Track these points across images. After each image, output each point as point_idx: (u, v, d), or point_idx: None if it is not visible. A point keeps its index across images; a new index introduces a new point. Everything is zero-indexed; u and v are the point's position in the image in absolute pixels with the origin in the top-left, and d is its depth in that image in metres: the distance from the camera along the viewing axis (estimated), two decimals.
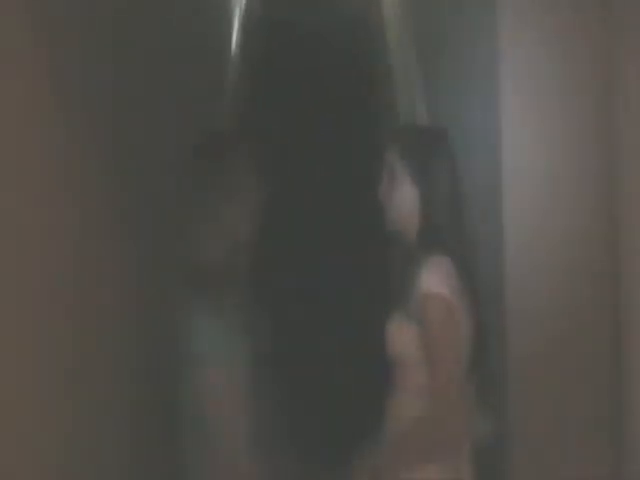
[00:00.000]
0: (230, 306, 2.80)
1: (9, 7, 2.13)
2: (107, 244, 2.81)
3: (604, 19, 2.89)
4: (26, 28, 2.23)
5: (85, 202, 2.62)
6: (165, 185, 2.95)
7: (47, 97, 2.36)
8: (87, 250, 2.62)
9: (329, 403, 4.49)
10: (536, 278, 2.97)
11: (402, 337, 2.67)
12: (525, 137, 2.98)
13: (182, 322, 2.74)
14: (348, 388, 4.38)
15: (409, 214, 2.71)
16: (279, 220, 5.31)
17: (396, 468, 2.70)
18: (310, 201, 5.73)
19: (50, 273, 2.32)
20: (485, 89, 3.26)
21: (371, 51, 7.30)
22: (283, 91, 6.71)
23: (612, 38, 2.88)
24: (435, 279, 2.61)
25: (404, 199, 2.71)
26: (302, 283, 5.13)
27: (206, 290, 2.75)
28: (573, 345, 2.97)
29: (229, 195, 2.80)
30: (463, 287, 2.65)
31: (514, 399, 2.99)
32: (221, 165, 2.83)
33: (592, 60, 2.92)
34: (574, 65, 2.94)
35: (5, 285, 2.06)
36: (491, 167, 3.15)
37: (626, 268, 2.87)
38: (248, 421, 2.90)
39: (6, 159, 2.10)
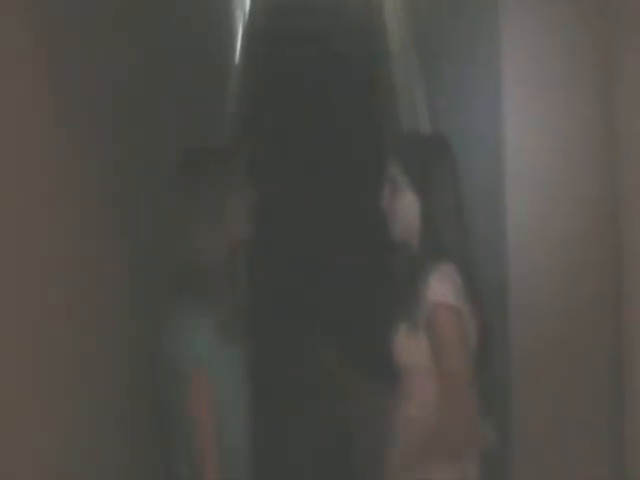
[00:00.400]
0: (228, 309, 2.79)
1: (9, 7, 2.12)
2: (107, 244, 2.81)
3: (603, 10, 2.87)
4: (26, 28, 2.23)
5: (85, 202, 2.61)
6: (165, 185, 2.94)
7: (47, 97, 2.35)
8: (87, 250, 2.61)
9: (330, 412, 4.43)
10: (539, 281, 2.95)
11: (409, 346, 2.66)
12: (527, 138, 2.96)
13: (179, 323, 2.73)
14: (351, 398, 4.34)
15: (411, 224, 2.70)
16: (279, 227, 5.30)
17: (404, 470, 2.70)
18: (311, 207, 5.69)
19: (50, 273, 2.32)
20: (486, 90, 3.25)
21: (372, 55, 7.28)
22: (285, 95, 6.69)
23: (612, 29, 2.86)
24: (442, 288, 2.61)
25: (406, 210, 2.70)
26: (303, 291, 5.09)
27: (204, 292, 2.74)
28: (576, 347, 2.95)
29: (228, 198, 2.79)
30: (468, 293, 2.65)
31: (516, 400, 2.98)
32: (220, 168, 2.82)
33: (593, 54, 2.90)
34: (576, 63, 2.92)
35: (5, 285, 2.05)
36: (493, 168, 3.13)
37: (629, 271, 2.85)
38: (244, 424, 2.89)
39: (6, 159, 2.09)
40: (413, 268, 2.69)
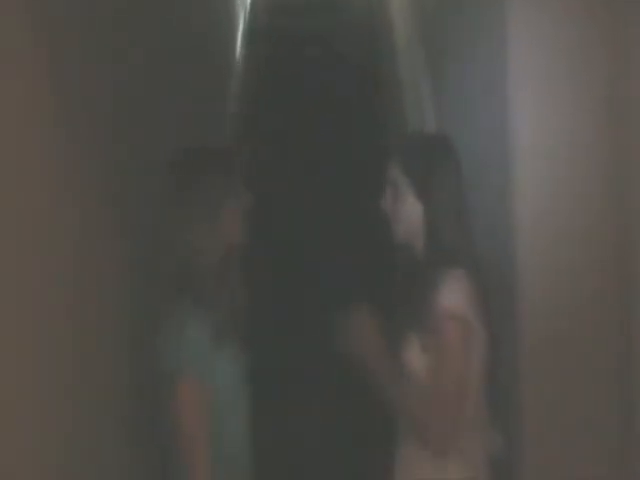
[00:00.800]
0: (226, 311, 2.76)
1: (9, 7, 2.12)
2: (107, 244, 2.81)
3: (610, 4, 2.84)
4: (26, 28, 2.23)
5: (85, 202, 2.61)
6: (163, 185, 2.93)
7: (47, 97, 2.35)
8: (87, 250, 2.61)
9: (330, 423, 4.37)
10: (549, 281, 2.88)
11: (414, 353, 2.60)
12: (535, 135, 2.89)
13: (175, 324, 2.69)
14: (352, 408, 4.22)
15: (415, 227, 2.65)
16: (280, 229, 5.24)
17: (408, 473, 2.69)
18: (312, 209, 5.62)
19: (50, 273, 2.32)
20: (493, 87, 3.21)
21: (377, 53, 7.22)
22: (287, 95, 6.64)
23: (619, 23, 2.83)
24: (452, 295, 2.54)
25: (409, 212, 2.65)
26: (304, 294, 5.03)
27: (202, 293, 2.70)
28: (586, 347, 2.89)
29: (225, 199, 2.76)
30: (477, 300, 2.58)
31: (523, 403, 2.92)
32: (218, 168, 2.79)
33: (600, 49, 2.86)
34: (583, 58, 2.88)
35: (5, 285, 2.05)
36: (501, 165, 3.08)
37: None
38: (242, 427, 2.85)
39: (6, 159, 2.10)
40: (419, 274, 2.63)
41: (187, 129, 3.95)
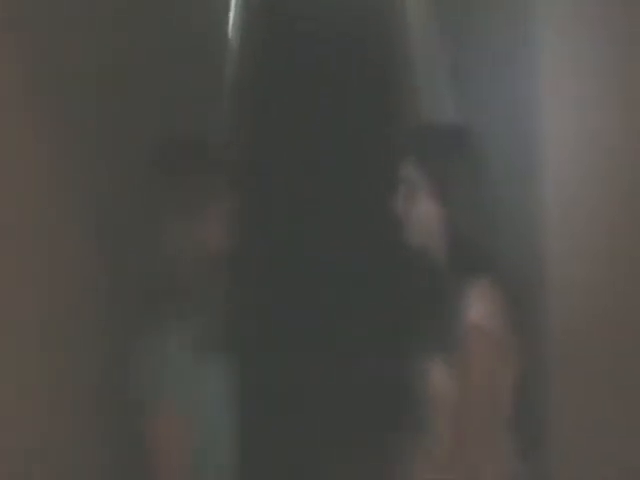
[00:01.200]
0: (207, 326, 2.56)
1: (9, 6, 2.14)
2: (84, 246, 2.70)
3: None
4: (26, 28, 2.23)
5: (85, 204, 2.60)
6: (143, 185, 2.86)
7: (47, 97, 2.34)
8: (64, 253, 2.54)
9: (331, 444, 4.19)
10: (585, 299, 2.64)
11: (439, 375, 2.42)
12: (565, 123, 2.68)
13: (152, 337, 2.49)
14: (365, 442, 3.88)
15: (432, 229, 2.47)
16: (276, 232, 5.00)
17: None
18: (314, 211, 5.39)
19: (25, 276, 2.28)
20: (519, 67, 3.08)
21: (386, 33, 7.02)
22: (285, 81, 6.49)
23: None
24: (480, 308, 2.35)
25: (425, 213, 2.47)
26: (302, 305, 4.69)
27: (182, 305, 2.51)
28: (622, 379, 2.70)
29: (208, 198, 2.63)
30: (506, 311, 2.38)
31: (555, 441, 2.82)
32: (204, 167, 2.66)
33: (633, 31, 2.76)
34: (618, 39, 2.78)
35: None
36: (528, 157, 2.92)
37: None
38: (227, 454, 2.66)
39: (5, 159, 2.12)
40: (440, 283, 2.46)
41: (186, 124, 3.87)
